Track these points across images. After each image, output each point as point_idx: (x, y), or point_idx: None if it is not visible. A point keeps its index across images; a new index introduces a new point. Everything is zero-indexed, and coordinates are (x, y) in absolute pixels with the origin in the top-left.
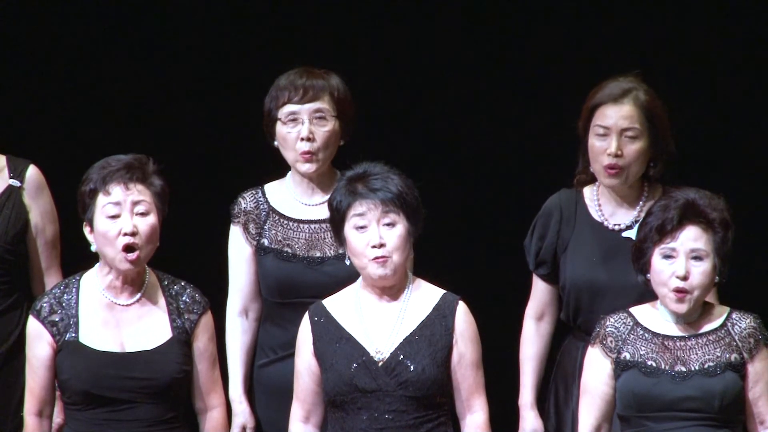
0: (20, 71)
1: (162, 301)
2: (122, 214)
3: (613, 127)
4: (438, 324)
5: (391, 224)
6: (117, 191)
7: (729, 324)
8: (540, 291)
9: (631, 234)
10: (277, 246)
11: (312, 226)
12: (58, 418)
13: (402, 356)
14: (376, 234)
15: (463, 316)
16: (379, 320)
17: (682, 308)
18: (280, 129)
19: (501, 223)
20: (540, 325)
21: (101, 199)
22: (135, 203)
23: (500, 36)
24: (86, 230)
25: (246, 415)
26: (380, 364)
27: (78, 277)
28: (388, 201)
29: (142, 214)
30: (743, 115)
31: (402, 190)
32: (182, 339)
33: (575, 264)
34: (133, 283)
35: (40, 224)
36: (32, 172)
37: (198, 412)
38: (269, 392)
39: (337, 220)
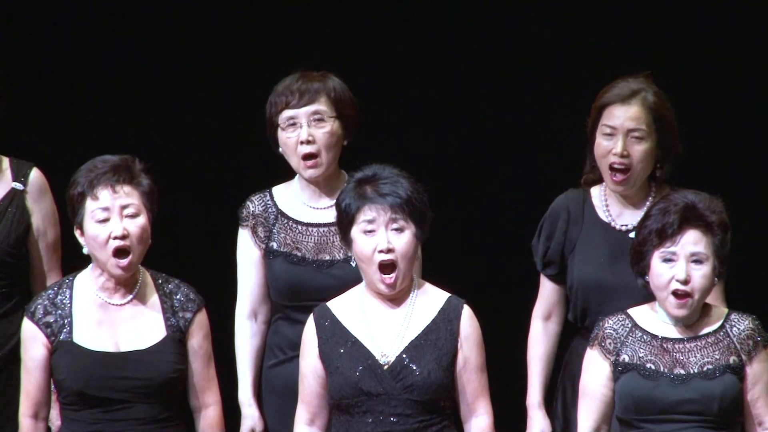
0: (22, 74)
1: (156, 299)
2: (111, 217)
3: (620, 127)
4: (443, 328)
5: (400, 230)
6: (105, 195)
7: (728, 326)
8: (547, 291)
9: None
10: (286, 249)
11: (321, 229)
12: (57, 421)
13: (407, 360)
14: (384, 239)
15: (467, 320)
16: (385, 324)
17: (683, 312)
18: (281, 135)
19: (508, 224)
20: (547, 326)
21: (90, 204)
22: (123, 206)
23: (503, 35)
24: (77, 233)
25: (255, 419)
26: (386, 367)
27: (71, 278)
28: (397, 206)
29: (132, 216)
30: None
31: (411, 194)
32: (177, 337)
33: (583, 264)
34: (127, 283)
35: (41, 227)
36: (35, 175)
37: (193, 410)
38: (278, 392)
39: (345, 222)
